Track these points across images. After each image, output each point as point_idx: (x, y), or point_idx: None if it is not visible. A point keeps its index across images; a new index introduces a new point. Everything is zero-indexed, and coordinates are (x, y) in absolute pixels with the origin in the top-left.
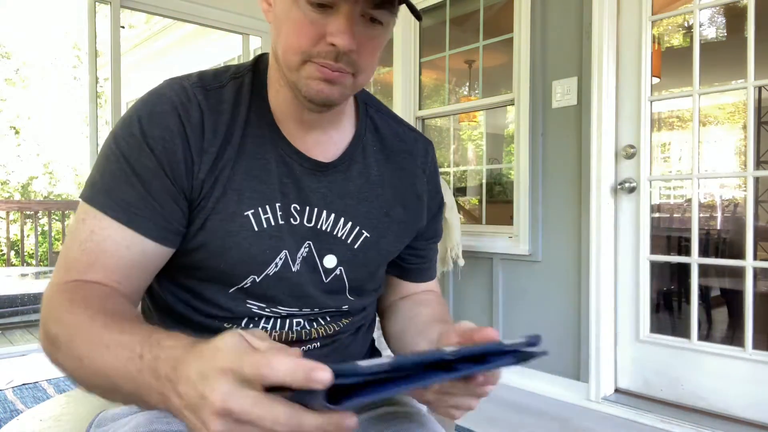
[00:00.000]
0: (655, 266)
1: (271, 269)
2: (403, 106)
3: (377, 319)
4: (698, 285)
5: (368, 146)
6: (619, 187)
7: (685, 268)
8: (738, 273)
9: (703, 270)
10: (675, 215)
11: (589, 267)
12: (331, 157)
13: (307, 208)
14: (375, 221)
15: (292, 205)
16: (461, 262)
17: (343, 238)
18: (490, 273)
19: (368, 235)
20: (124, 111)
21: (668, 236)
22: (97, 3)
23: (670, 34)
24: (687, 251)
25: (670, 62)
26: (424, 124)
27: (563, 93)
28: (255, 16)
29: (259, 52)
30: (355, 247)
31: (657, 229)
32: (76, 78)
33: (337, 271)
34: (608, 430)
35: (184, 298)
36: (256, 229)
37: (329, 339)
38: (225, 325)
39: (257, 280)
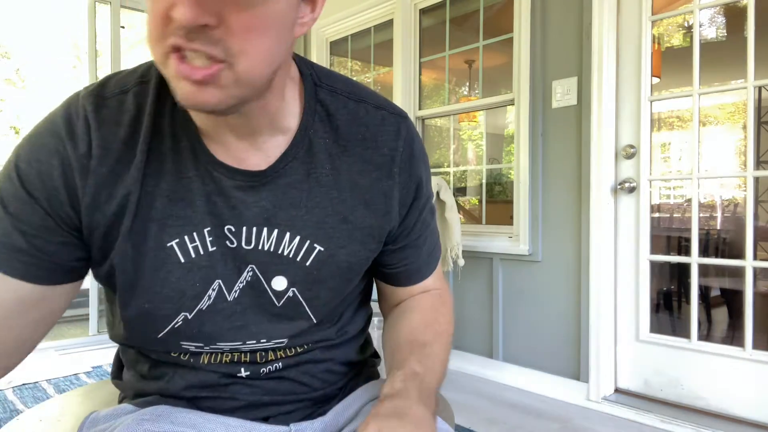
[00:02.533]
0: (655, 266)
1: (204, 303)
2: (403, 106)
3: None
4: (698, 285)
5: (317, 140)
6: (619, 187)
7: (685, 268)
8: (738, 273)
9: (703, 270)
10: (675, 215)
11: (589, 267)
12: (268, 164)
13: (244, 228)
14: (330, 231)
15: (226, 227)
16: (461, 262)
17: (291, 256)
18: (490, 273)
19: (322, 249)
20: None
21: (668, 236)
22: (97, 3)
23: (670, 34)
24: (687, 251)
25: (670, 62)
26: (424, 124)
27: (563, 93)
28: None
29: None
30: (307, 264)
31: (657, 229)
32: (76, 78)
33: (290, 293)
34: (608, 430)
35: (125, 332)
36: (183, 260)
37: (293, 359)
38: (181, 357)
39: (189, 318)
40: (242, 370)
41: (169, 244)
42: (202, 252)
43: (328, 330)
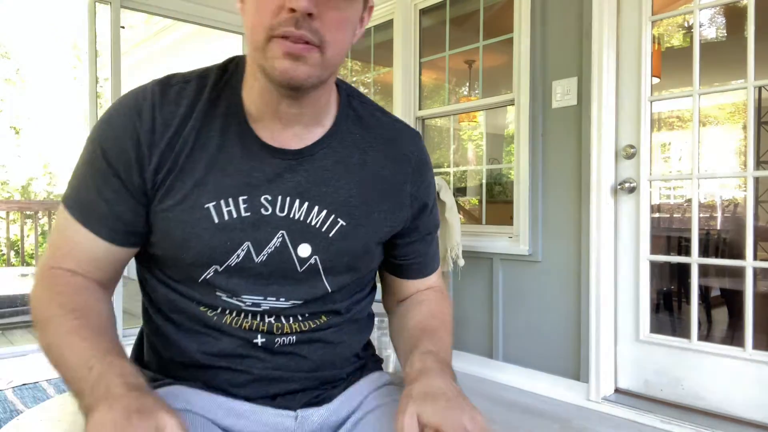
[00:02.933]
0: (655, 266)
1: (233, 260)
2: (403, 106)
3: (376, 321)
4: (698, 285)
5: (347, 135)
6: (619, 187)
7: (685, 268)
8: (738, 273)
9: (703, 270)
10: (675, 215)
11: (589, 267)
12: (305, 144)
13: (279, 197)
14: (352, 209)
15: (263, 197)
16: (461, 262)
17: (317, 226)
18: (490, 273)
19: (344, 223)
20: None
21: (668, 236)
22: (97, 3)
23: (670, 34)
24: (687, 251)
25: (670, 62)
26: (424, 124)
27: (563, 93)
28: None
29: None
30: (330, 235)
31: (657, 229)
32: (76, 78)
33: (312, 260)
34: (608, 430)
35: (166, 291)
36: (216, 221)
37: (306, 335)
38: (208, 313)
39: (219, 270)
40: (259, 337)
41: (206, 206)
42: (235, 215)
43: (340, 303)
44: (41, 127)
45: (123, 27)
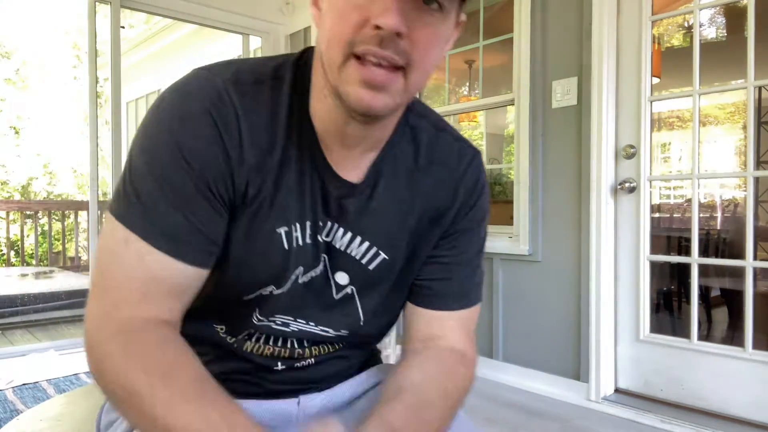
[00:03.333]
0: (655, 266)
1: (288, 284)
2: None
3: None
4: (698, 285)
5: (400, 158)
6: (619, 187)
7: (685, 268)
8: (738, 273)
9: (703, 270)
10: (675, 215)
11: (589, 267)
12: (362, 176)
13: (329, 223)
14: (395, 241)
15: (319, 222)
16: None
17: (357, 258)
18: (490, 273)
19: (386, 257)
20: (124, 111)
21: (668, 236)
22: (97, 3)
23: (670, 34)
24: (687, 251)
25: (670, 62)
26: None
27: (563, 93)
28: (255, 16)
29: (259, 53)
30: (370, 267)
31: (657, 229)
32: (76, 78)
33: (348, 290)
34: (608, 430)
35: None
36: (286, 247)
37: (324, 357)
38: (228, 339)
39: (274, 293)
40: (279, 364)
41: (278, 230)
42: (300, 242)
43: (368, 334)
44: (41, 127)
45: (123, 27)
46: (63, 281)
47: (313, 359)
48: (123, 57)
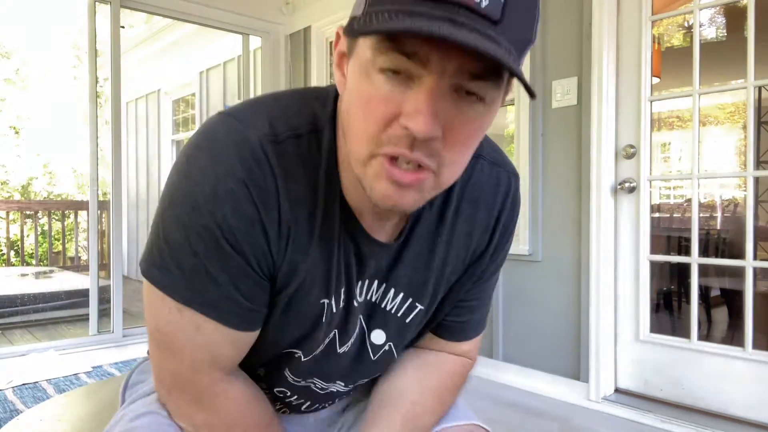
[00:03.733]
0: (655, 266)
1: (318, 350)
2: None
3: None
4: (698, 285)
5: (436, 204)
6: (619, 187)
7: (685, 268)
8: (738, 273)
9: (703, 270)
10: (675, 215)
11: (589, 267)
12: (394, 232)
13: (360, 282)
14: (432, 290)
15: (353, 287)
16: None
17: (392, 311)
18: None
19: (422, 308)
20: (124, 111)
21: (668, 236)
22: (97, 3)
23: (670, 34)
24: (687, 251)
25: (670, 62)
26: None
27: (563, 93)
28: (255, 16)
29: (259, 53)
30: (407, 321)
31: (657, 229)
32: (76, 78)
33: (386, 347)
34: (608, 430)
35: None
36: (324, 319)
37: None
38: (261, 385)
39: (302, 360)
40: (306, 406)
41: (321, 302)
42: (335, 310)
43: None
44: (41, 127)
45: (123, 27)
46: (63, 281)
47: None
48: (123, 57)
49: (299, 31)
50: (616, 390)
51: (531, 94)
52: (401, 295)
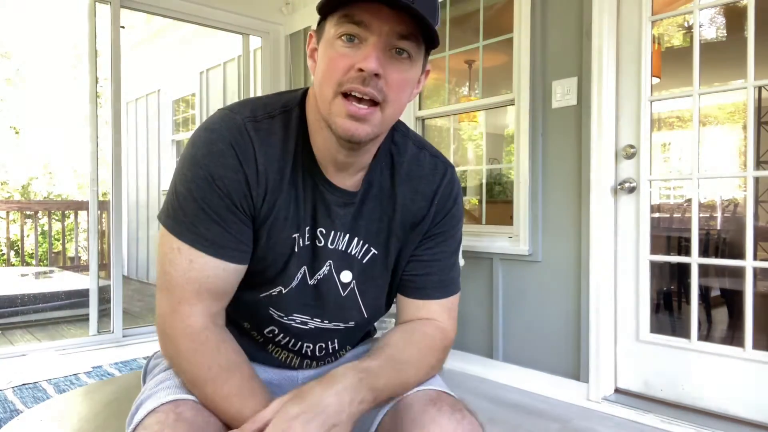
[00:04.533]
0: (655, 266)
1: (294, 282)
2: None
3: None
4: (698, 285)
5: (385, 172)
6: (619, 187)
7: (685, 268)
8: (738, 273)
9: (703, 270)
10: (675, 215)
11: (589, 267)
12: (357, 187)
13: (332, 232)
14: (383, 239)
15: (319, 229)
16: (461, 262)
17: (355, 255)
18: (490, 273)
19: (376, 252)
20: (124, 111)
21: (668, 236)
22: (97, 3)
23: (670, 34)
24: (687, 251)
25: (670, 62)
26: (424, 124)
27: (563, 93)
28: (255, 16)
29: (259, 53)
30: (364, 262)
31: (657, 229)
32: (76, 78)
33: (352, 285)
34: (608, 430)
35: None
36: (296, 250)
37: (332, 356)
38: (254, 334)
39: (283, 292)
40: (294, 362)
41: (293, 236)
42: (302, 244)
43: (369, 325)
44: (41, 127)
45: (123, 27)
46: (63, 281)
47: (324, 360)
48: (123, 57)
49: (299, 31)
50: (616, 390)
51: (435, 41)
52: (361, 242)
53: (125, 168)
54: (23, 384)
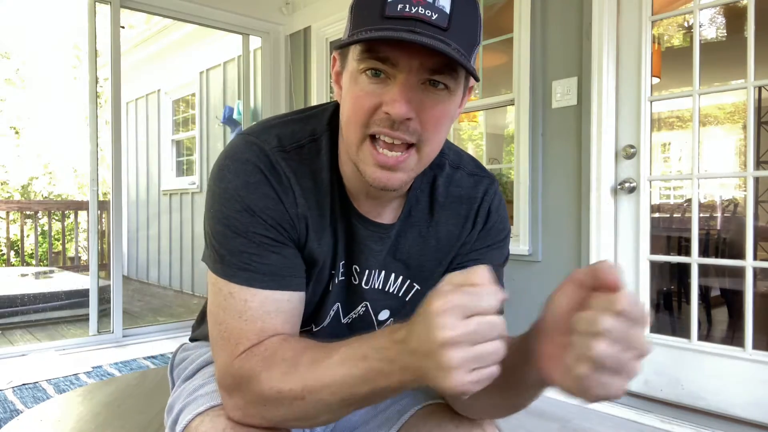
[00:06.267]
0: (655, 266)
1: (326, 321)
2: None
3: None
4: (698, 285)
5: (423, 199)
6: (619, 187)
7: (685, 268)
8: (738, 273)
9: (703, 270)
10: (675, 215)
11: None
12: (393, 218)
13: (366, 270)
14: (427, 273)
15: (354, 266)
16: None
17: (394, 292)
18: None
19: (419, 288)
20: (124, 111)
21: (668, 236)
22: (97, 3)
23: (670, 34)
24: (687, 251)
25: (670, 62)
26: None
27: (563, 93)
28: (255, 16)
29: (259, 53)
30: (407, 299)
31: (657, 229)
32: (76, 78)
33: (389, 322)
34: (608, 430)
35: None
36: (331, 288)
37: None
38: None
39: (314, 330)
40: None
41: (330, 272)
42: (336, 281)
43: None
44: (41, 127)
45: (123, 27)
46: (63, 281)
47: None
48: (123, 57)
49: (299, 31)
50: None
51: (475, 78)
52: (401, 278)
53: (125, 168)
54: (23, 384)
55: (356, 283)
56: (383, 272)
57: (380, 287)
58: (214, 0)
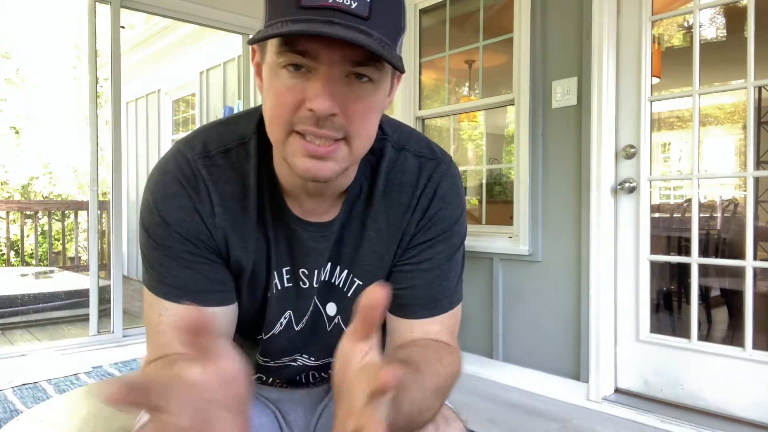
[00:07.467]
0: (655, 266)
1: (277, 329)
2: (402, 106)
3: None
4: (698, 285)
5: (365, 186)
6: (619, 187)
7: (685, 268)
8: (738, 273)
9: (703, 270)
10: (675, 215)
11: (589, 267)
12: (333, 214)
13: (316, 270)
14: (368, 267)
15: (300, 270)
16: None
17: (339, 286)
18: (490, 273)
19: (360, 283)
20: (124, 111)
21: (668, 236)
22: (97, 3)
23: (670, 34)
24: (687, 251)
25: (670, 62)
26: (424, 124)
27: (563, 93)
28: (255, 16)
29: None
30: (349, 295)
31: (657, 229)
32: (76, 78)
33: (336, 320)
34: (608, 430)
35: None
36: (270, 294)
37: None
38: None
39: (264, 338)
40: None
41: (267, 278)
42: (280, 287)
43: None
44: (41, 127)
45: (123, 27)
46: (63, 281)
47: (320, 379)
48: (123, 57)
49: None
50: (616, 390)
51: (399, 70)
52: (345, 271)
53: (125, 168)
54: (23, 384)
55: (306, 286)
56: (329, 264)
57: (326, 279)
58: (214, 0)
